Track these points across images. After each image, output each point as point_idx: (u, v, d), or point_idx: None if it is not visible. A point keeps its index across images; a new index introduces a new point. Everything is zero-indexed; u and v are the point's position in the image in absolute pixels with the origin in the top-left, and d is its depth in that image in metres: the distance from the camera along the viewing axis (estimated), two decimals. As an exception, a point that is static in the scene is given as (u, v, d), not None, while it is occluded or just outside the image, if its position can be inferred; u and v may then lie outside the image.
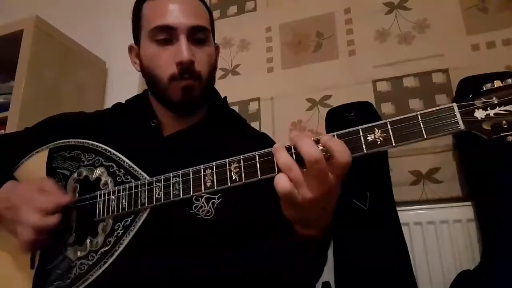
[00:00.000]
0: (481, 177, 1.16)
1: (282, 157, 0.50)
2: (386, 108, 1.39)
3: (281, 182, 0.49)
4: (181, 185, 0.61)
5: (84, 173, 0.73)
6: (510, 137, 0.45)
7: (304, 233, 0.56)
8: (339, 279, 1.21)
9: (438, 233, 1.23)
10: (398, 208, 1.24)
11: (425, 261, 1.22)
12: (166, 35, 0.75)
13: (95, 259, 0.65)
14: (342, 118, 1.35)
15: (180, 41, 0.75)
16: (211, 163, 0.59)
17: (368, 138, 0.50)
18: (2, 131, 1.44)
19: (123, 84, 1.79)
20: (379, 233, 1.20)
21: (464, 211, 1.22)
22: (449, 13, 1.39)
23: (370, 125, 0.50)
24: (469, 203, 1.22)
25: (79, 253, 0.67)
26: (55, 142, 0.79)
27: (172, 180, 0.62)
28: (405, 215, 1.25)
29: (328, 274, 1.24)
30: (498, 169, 1.12)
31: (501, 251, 1.07)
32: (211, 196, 0.71)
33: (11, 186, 0.72)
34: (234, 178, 0.56)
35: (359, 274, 1.18)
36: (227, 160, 0.57)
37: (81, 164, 0.74)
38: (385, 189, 1.26)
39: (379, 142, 0.49)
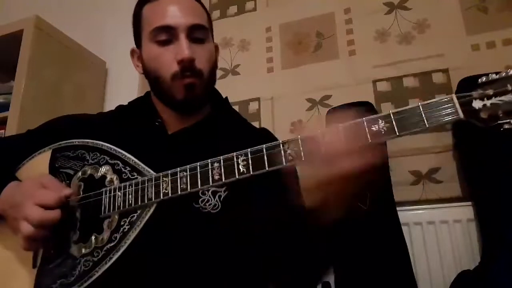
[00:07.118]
0: (481, 177, 1.16)
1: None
2: (386, 108, 1.39)
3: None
4: (188, 179, 0.61)
5: (89, 172, 0.73)
6: (506, 125, 0.48)
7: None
8: (339, 279, 1.21)
9: (438, 233, 1.23)
10: (398, 208, 1.24)
11: (425, 261, 1.22)
12: (167, 35, 0.76)
13: (100, 256, 0.64)
14: (342, 118, 1.35)
15: (180, 40, 0.76)
16: (218, 157, 0.59)
17: (372, 128, 0.51)
18: (2, 131, 1.44)
19: (123, 84, 1.78)
20: (379, 233, 1.20)
21: (464, 211, 1.22)
22: (449, 13, 1.39)
23: (373, 116, 0.52)
24: (469, 203, 1.22)
25: (83, 250, 0.66)
26: (58, 143, 0.79)
27: (180, 174, 0.62)
28: (405, 215, 1.25)
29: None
30: (498, 169, 1.12)
31: (501, 251, 1.07)
32: (217, 189, 0.71)
33: (15, 185, 0.72)
34: (242, 170, 0.57)
35: (359, 274, 1.18)
36: (234, 153, 0.58)
37: (86, 163, 0.74)
38: (385, 189, 1.26)
39: (383, 132, 0.51)
